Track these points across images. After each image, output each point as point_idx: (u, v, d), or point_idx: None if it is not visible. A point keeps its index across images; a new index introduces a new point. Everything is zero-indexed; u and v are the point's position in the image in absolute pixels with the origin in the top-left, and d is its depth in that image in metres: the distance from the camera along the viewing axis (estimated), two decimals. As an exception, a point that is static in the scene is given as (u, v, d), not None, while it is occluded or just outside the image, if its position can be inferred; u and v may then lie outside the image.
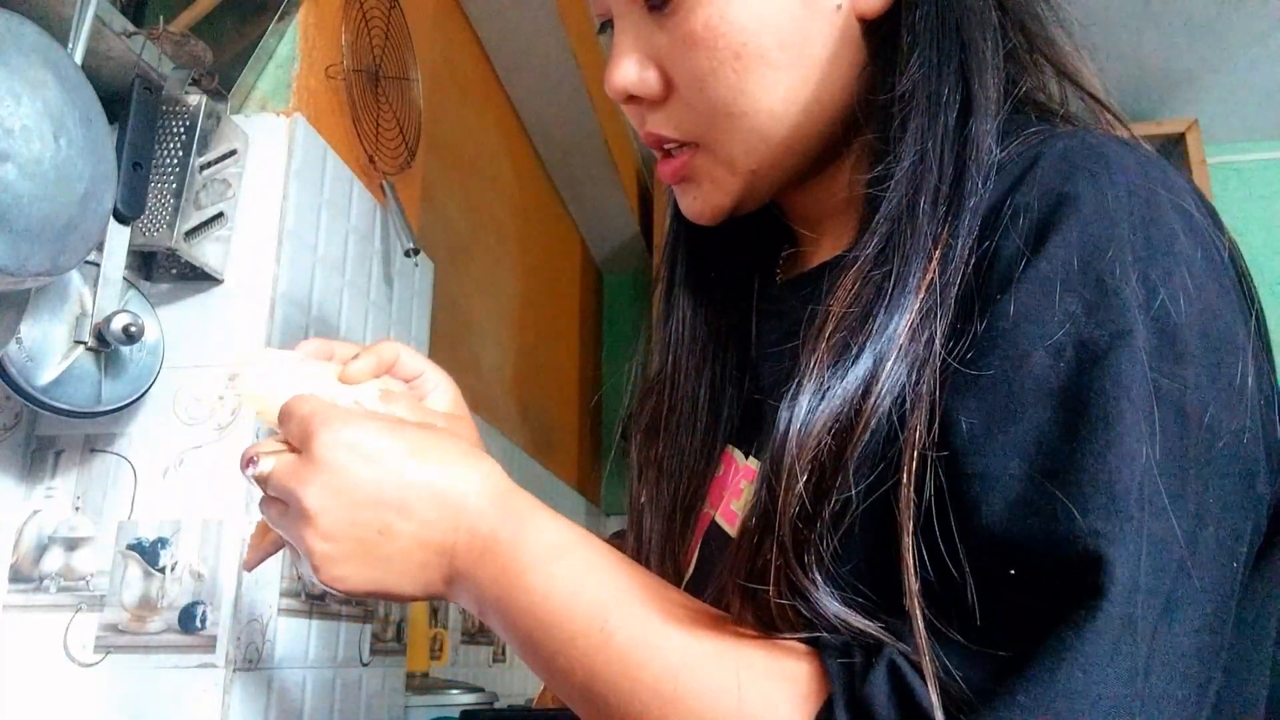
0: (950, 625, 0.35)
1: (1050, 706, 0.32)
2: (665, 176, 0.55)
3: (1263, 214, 2.56)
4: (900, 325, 0.40)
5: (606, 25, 0.54)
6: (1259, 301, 0.43)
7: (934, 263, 0.41)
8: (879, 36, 0.49)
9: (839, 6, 0.49)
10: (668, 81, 0.51)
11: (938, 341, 0.40)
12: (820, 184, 0.55)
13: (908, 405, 0.39)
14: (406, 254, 1.18)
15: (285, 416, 0.48)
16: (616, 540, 0.75)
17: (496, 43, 1.97)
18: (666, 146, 0.54)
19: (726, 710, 0.37)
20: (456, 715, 1.28)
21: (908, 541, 0.37)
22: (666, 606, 0.41)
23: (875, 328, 0.41)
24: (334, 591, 0.45)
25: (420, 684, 1.33)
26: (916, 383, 0.39)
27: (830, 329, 0.42)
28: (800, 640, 0.40)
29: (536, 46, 1.95)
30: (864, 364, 0.40)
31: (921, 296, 0.40)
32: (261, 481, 0.47)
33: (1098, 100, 0.50)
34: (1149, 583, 0.34)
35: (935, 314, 0.40)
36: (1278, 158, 2.62)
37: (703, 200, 0.54)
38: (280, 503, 0.47)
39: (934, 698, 0.34)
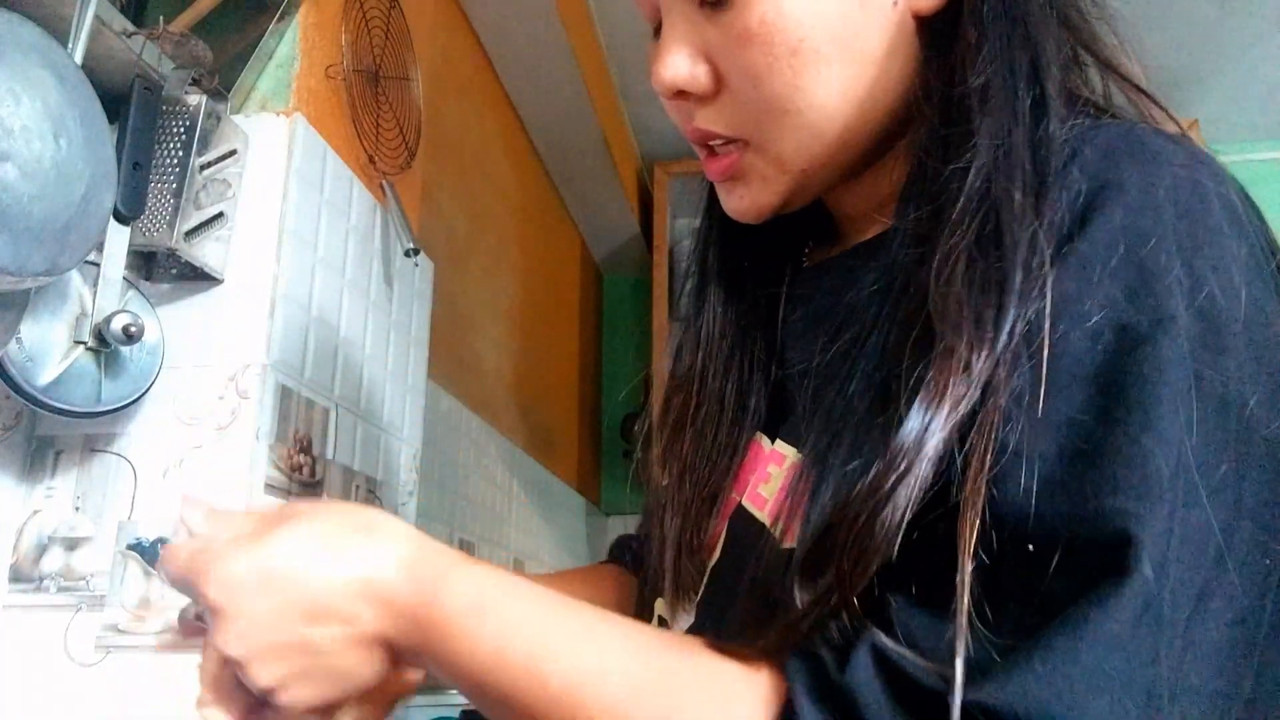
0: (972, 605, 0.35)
1: (1066, 676, 0.32)
2: (713, 174, 0.54)
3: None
4: (1008, 329, 0.38)
5: (658, 31, 0.53)
6: None
7: (1033, 254, 0.40)
8: (935, 32, 0.49)
9: (895, 3, 0.49)
10: (718, 77, 0.50)
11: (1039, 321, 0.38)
12: (867, 180, 0.55)
13: (976, 426, 0.37)
14: (406, 254, 1.18)
15: (168, 563, 0.45)
16: (618, 555, 0.75)
17: (496, 43, 1.97)
18: (712, 143, 0.53)
19: None
20: (456, 715, 1.28)
21: (964, 562, 0.35)
22: (599, 643, 0.40)
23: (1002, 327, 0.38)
24: (295, 708, 0.43)
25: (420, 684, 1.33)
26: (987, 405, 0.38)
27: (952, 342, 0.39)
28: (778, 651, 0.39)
29: (536, 46, 1.95)
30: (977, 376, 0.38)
31: (1020, 286, 0.39)
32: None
33: (1144, 93, 0.49)
34: (1180, 570, 0.33)
35: (1040, 298, 0.39)
36: (1278, 158, 2.62)
37: (750, 199, 0.53)
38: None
39: (959, 673, 0.33)
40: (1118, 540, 0.33)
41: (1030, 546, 0.35)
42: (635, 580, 0.72)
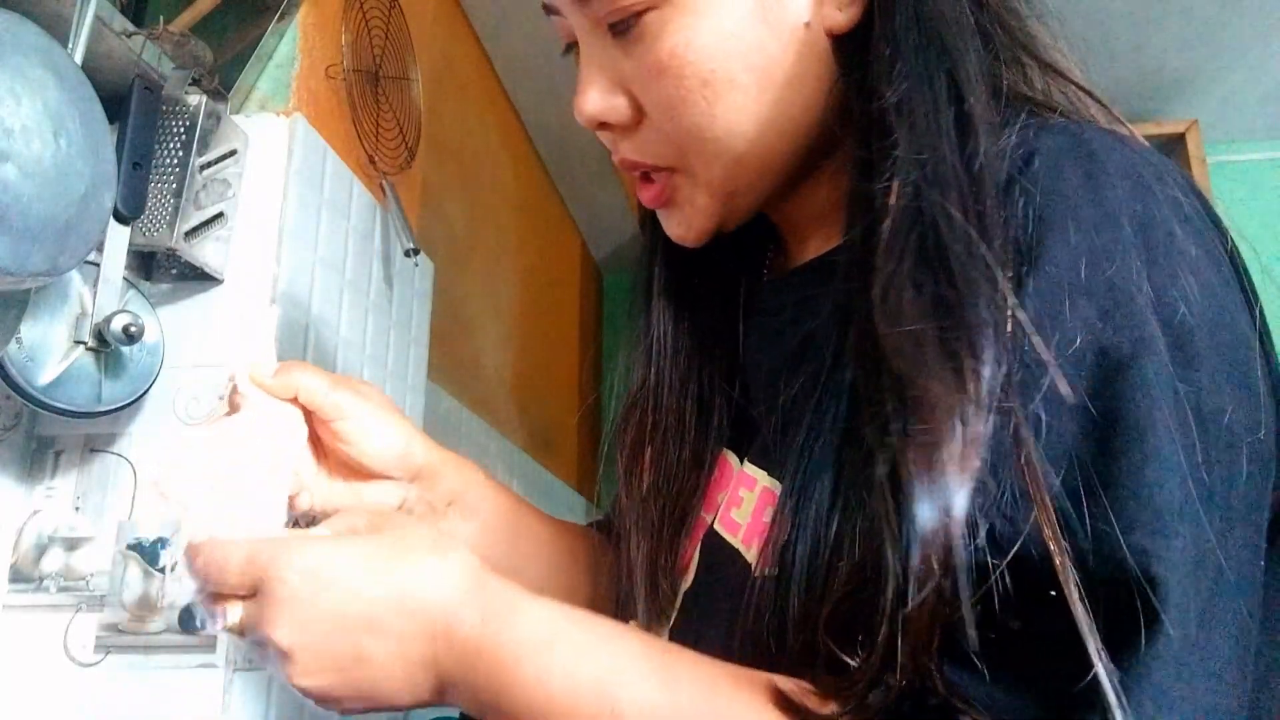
0: (994, 661, 0.34)
1: None
2: (646, 201, 0.54)
3: (1263, 214, 2.56)
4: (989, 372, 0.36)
5: (571, 47, 0.53)
6: (1247, 272, 0.43)
7: (989, 282, 0.37)
8: (851, 51, 0.48)
9: (807, 25, 0.48)
10: (638, 107, 0.50)
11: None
12: (803, 194, 0.54)
13: (1010, 456, 0.35)
14: (406, 254, 1.18)
15: (222, 565, 0.45)
16: (596, 529, 0.74)
17: (496, 43, 1.97)
18: (641, 171, 0.53)
19: None
20: (456, 715, 1.28)
21: (1072, 593, 0.33)
22: (668, 675, 0.40)
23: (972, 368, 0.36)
24: (341, 712, 0.44)
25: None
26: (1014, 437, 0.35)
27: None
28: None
29: (536, 46, 1.95)
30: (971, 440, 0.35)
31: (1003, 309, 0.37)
32: (237, 633, 0.46)
33: (1082, 89, 0.49)
34: (1195, 595, 0.33)
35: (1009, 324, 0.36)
36: (1278, 158, 2.62)
37: (685, 224, 0.53)
38: (254, 644, 0.45)
39: None
40: (1140, 583, 0.33)
41: (1054, 592, 0.34)
42: (607, 549, 0.70)
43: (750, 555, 0.49)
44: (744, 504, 0.53)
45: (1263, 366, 0.39)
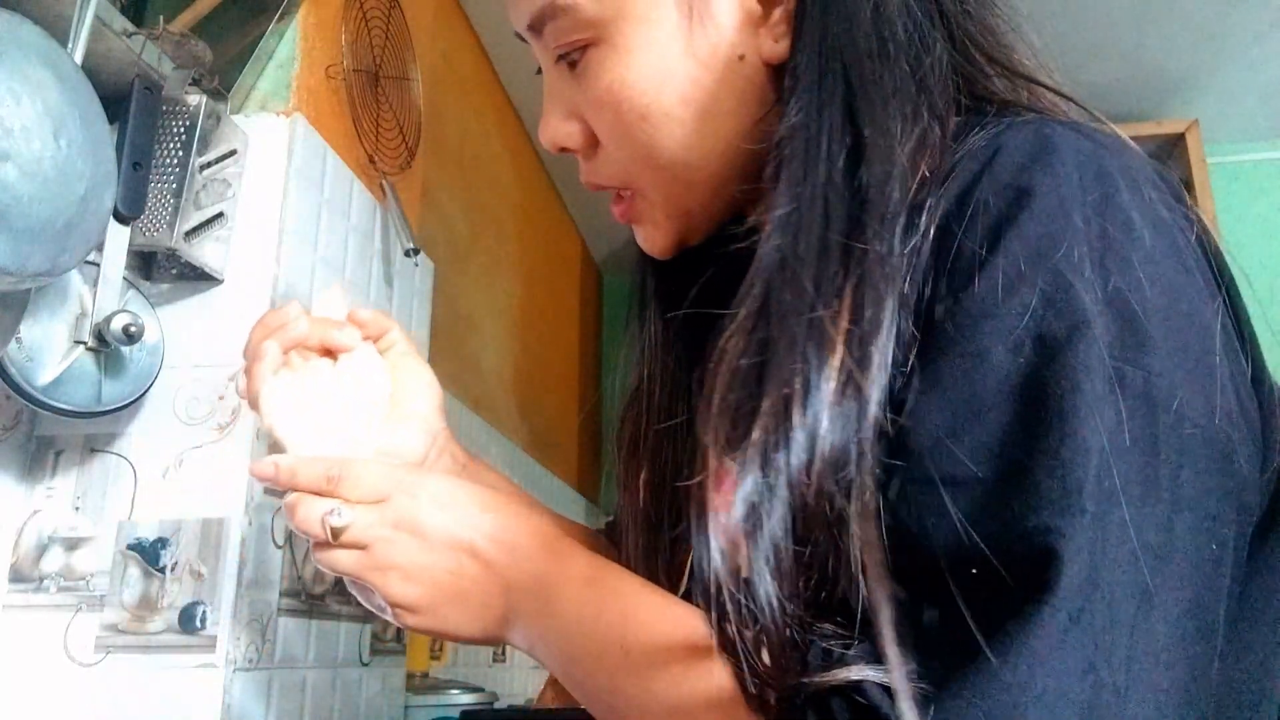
0: (908, 635, 0.35)
1: (996, 700, 0.33)
2: (617, 217, 0.57)
3: (1263, 214, 2.56)
4: (823, 389, 0.38)
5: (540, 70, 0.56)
6: (1229, 276, 0.43)
7: (837, 315, 0.39)
8: (782, 80, 0.49)
9: (742, 57, 0.50)
10: (592, 133, 0.53)
11: (871, 390, 0.38)
12: (767, 201, 0.55)
13: (850, 463, 0.37)
14: (406, 254, 1.18)
15: (351, 479, 0.50)
16: (608, 531, 0.75)
17: (496, 43, 1.97)
18: (610, 189, 0.55)
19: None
20: (456, 715, 1.28)
21: (876, 573, 0.36)
22: (670, 621, 0.43)
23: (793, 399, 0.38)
24: (405, 627, 0.49)
25: (420, 684, 1.33)
26: (857, 436, 0.38)
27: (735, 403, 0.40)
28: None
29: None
30: (797, 447, 0.37)
31: (839, 354, 0.39)
32: (337, 532, 0.49)
33: (1059, 94, 0.49)
34: (1117, 575, 0.34)
35: (864, 365, 0.38)
36: (1278, 158, 2.62)
37: (650, 238, 0.56)
38: (355, 549, 0.49)
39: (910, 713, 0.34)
40: (1041, 558, 0.33)
41: (971, 570, 0.35)
42: (612, 553, 0.72)
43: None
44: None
45: (1226, 352, 0.39)
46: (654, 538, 0.58)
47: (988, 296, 0.38)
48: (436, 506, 0.48)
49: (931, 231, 0.41)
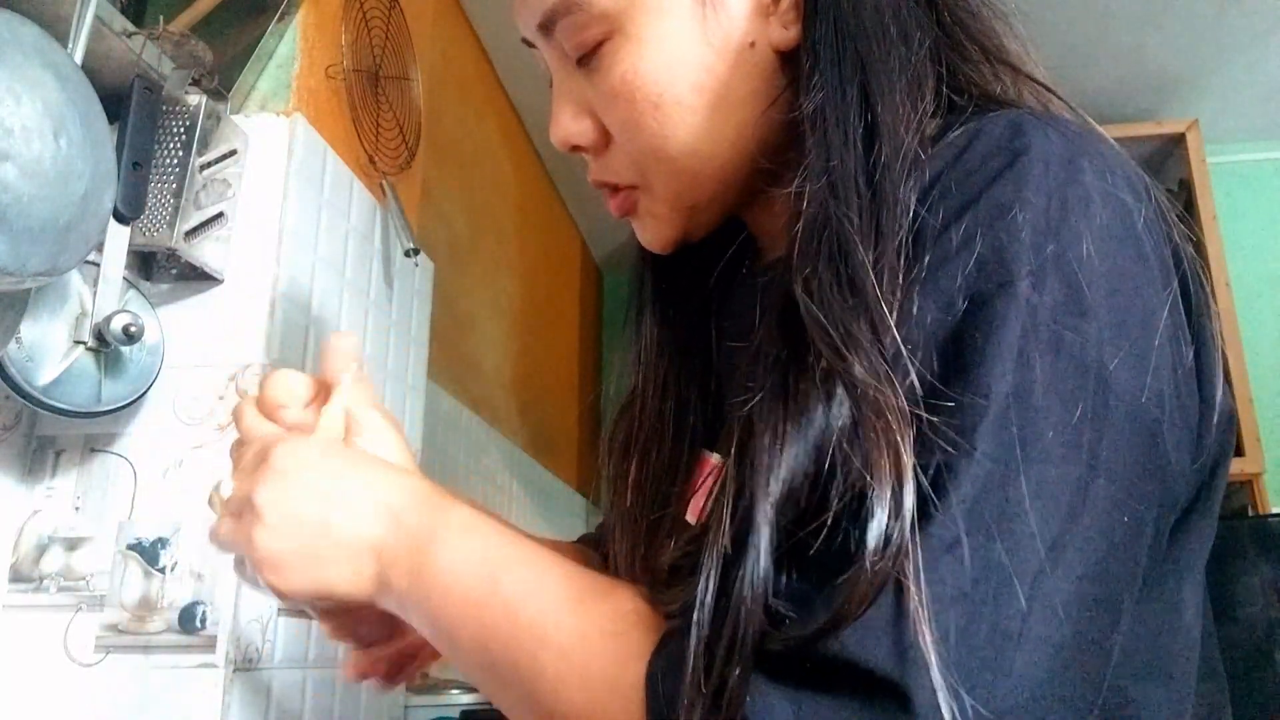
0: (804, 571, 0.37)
1: (881, 631, 0.33)
2: (612, 211, 0.57)
3: (1262, 214, 2.56)
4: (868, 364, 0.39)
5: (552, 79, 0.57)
6: (1196, 276, 0.44)
7: (882, 277, 0.41)
8: (793, 66, 0.50)
9: (752, 44, 0.50)
10: (604, 131, 0.53)
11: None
12: (768, 200, 0.56)
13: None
14: (406, 254, 1.18)
15: (244, 442, 0.52)
16: (584, 542, 0.75)
17: (496, 43, 1.97)
18: (610, 186, 0.56)
19: (586, 652, 0.40)
20: (456, 715, 1.28)
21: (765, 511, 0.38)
22: (547, 564, 0.45)
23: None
24: (275, 592, 0.48)
25: (420, 684, 1.33)
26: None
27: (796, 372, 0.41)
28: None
29: (536, 46, 1.96)
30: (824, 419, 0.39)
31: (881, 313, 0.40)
32: (220, 501, 0.51)
33: (1045, 87, 0.50)
34: (1009, 525, 0.35)
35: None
36: (1278, 158, 2.62)
37: (650, 234, 0.57)
38: (233, 517, 0.50)
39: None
40: (933, 483, 0.35)
41: (855, 504, 0.36)
42: (595, 560, 0.72)
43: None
44: (704, 486, 0.55)
45: (1171, 340, 0.40)
46: (636, 538, 0.58)
47: (934, 264, 0.40)
48: (307, 464, 0.49)
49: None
